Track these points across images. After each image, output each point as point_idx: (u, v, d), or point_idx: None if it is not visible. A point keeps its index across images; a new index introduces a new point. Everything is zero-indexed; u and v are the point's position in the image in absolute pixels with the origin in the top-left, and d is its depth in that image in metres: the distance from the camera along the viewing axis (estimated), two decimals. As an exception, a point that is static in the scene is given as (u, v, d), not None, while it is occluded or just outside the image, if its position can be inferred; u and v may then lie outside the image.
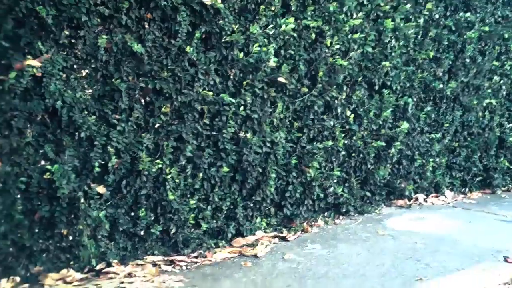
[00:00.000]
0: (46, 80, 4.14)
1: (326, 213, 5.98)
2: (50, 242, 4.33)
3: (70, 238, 4.38)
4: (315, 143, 5.66)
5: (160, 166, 4.69)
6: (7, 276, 4.14)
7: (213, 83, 4.93)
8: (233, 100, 4.99)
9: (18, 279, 4.16)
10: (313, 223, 5.77)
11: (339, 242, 5.24)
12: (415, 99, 6.55)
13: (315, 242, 5.24)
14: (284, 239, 5.35)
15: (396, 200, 6.63)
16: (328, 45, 5.59)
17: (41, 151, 4.23)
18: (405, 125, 6.28)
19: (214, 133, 5.01)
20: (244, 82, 5.10)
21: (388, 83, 6.22)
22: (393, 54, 6.17)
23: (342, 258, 4.82)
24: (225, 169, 5.06)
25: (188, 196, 4.94)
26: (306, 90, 5.54)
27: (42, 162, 4.23)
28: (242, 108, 5.09)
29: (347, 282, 4.31)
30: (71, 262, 4.42)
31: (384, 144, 6.17)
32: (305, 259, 4.81)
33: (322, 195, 5.81)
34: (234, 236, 5.24)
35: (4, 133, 4.06)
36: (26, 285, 4.19)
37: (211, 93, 4.87)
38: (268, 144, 5.30)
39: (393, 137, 6.28)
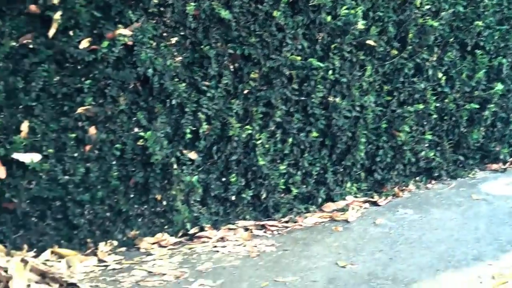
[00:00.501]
0: (137, 49, 4.18)
1: (417, 178, 5.82)
2: (145, 207, 4.40)
3: (164, 203, 4.44)
4: (405, 106, 5.50)
5: (250, 131, 4.67)
6: (105, 240, 4.24)
7: (301, 47, 4.85)
8: (322, 65, 4.90)
9: (115, 243, 4.26)
10: (404, 188, 5.63)
11: (431, 207, 5.10)
12: (510, 60, 6.25)
13: (407, 207, 5.12)
14: (375, 204, 5.26)
15: (490, 164, 6.37)
16: (418, 5, 5.39)
17: (134, 119, 4.29)
18: (499, 86, 6.01)
19: (302, 98, 4.94)
20: (332, 46, 4.99)
21: (481, 44, 5.94)
22: (486, 13, 5.89)
23: (435, 223, 4.70)
24: (315, 134, 5.00)
25: (278, 161, 4.90)
26: (396, 52, 5.38)
27: (136, 129, 4.29)
28: (330, 72, 4.99)
29: (440, 247, 4.20)
30: (165, 227, 4.48)
31: (477, 106, 5.92)
32: (397, 224, 4.72)
33: (413, 160, 5.65)
34: (324, 201, 5.18)
35: (98, 101, 4.13)
36: (123, 248, 4.29)
37: (299, 57, 4.80)
38: (357, 108, 5.19)
39: (487, 99, 6.03)
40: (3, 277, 3.28)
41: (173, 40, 4.38)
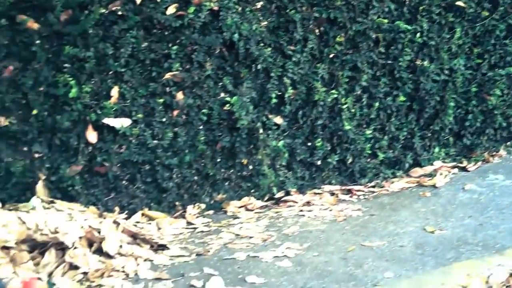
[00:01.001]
0: (223, 14, 4.15)
1: (508, 143, 5.60)
2: (232, 171, 4.41)
3: (250, 167, 4.43)
4: (496, 69, 5.28)
5: (335, 96, 4.60)
6: (193, 203, 4.28)
7: (388, 10, 4.70)
8: (409, 27, 4.75)
9: (203, 206, 4.29)
10: (494, 153, 5.42)
11: (523, 173, 4.90)
12: None
13: (497, 172, 4.94)
14: (463, 169, 5.10)
15: None
16: (511, -37, 5.15)
17: (220, 84, 4.28)
18: None
19: (389, 61, 4.81)
20: (420, 8, 4.82)
21: None
22: None
23: (527, 189, 4.52)
24: (402, 98, 4.87)
25: (364, 126, 4.81)
26: (487, 13, 5.15)
27: (222, 95, 4.28)
28: (418, 35, 4.84)
29: (533, 213, 4.04)
30: (252, 191, 4.49)
31: None
32: (487, 190, 4.56)
33: (504, 124, 5.44)
34: (412, 166, 5.06)
35: (185, 67, 4.14)
36: (211, 211, 4.32)
37: (386, 20, 4.67)
38: (446, 72, 5.02)
39: None
40: (96, 238, 3.35)
41: (259, 4, 4.33)
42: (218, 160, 4.35)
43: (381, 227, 3.86)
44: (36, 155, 3.81)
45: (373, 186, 4.77)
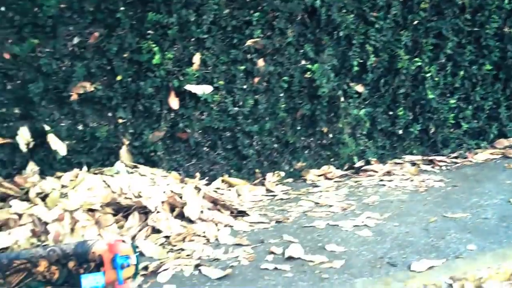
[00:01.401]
0: (304, -20, 4.09)
1: None
2: (311, 139, 4.37)
3: (331, 136, 4.38)
4: None
5: (419, 64, 4.47)
6: (272, 170, 4.26)
7: (476, -25, 4.54)
8: (498, -7, 4.57)
9: (282, 173, 4.27)
10: None
11: None
12: None
13: None
14: (553, 141, 4.90)
15: None
16: None
17: (301, 51, 4.22)
18: None
19: (475, 28, 4.63)
20: (510, -27, 4.63)
21: None
22: None
23: None
24: (488, 66, 4.69)
25: (448, 95, 4.67)
26: None
27: (303, 62, 4.23)
28: (506, 1, 4.64)
29: None
30: (332, 159, 4.44)
31: None
32: None
33: None
34: (496, 137, 4.89)
35: (267, 33, 4.10)
36: (290, 179, 4.30)
37: (473, -14, 4.50)
38: (535, 39, 4.81)
39: None
40: (178, 203, 3.38)
41: (341, -30, 4.24)
42: (298, 128, 4.31)
43: (464, 199, 3.75)
44: (120, 121, 3.86)
45: (456, 157, 4.64)
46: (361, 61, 4.35)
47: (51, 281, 2.55)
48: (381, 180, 4.20)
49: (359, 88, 4.38)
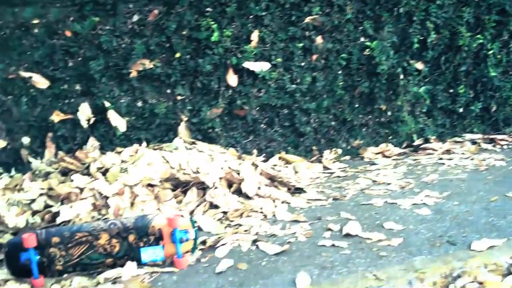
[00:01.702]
0: (364, -45, 4.03)
1: None
2: (369, 117, 4.31)
3: (389, 113, 4.32)
4: None
5: (481, 41, 4.36)
6: (329, 148, 4.23)
7: (542, -52, 4.38)
8: None
9: (339, 151, 4.24)
10: None
11: None
12: None
13: None
14: None
15: None
16: None
17: (360, 28, 4.16)
18: None
19: (541, 4, 4.49)
20: None
21: None
22: None
23: None
24: (553, 43, 4.55)
25: (511, 73, 4.54)
26: None
27: (362, 39, 4.17)
28: None
29: None
30: (390, 137, 4.38)
31: None
32: None
33: None
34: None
35: (325, 10, 4.05)
36: (347, 157, 4.26)
37: (539, -41, 4.35)
38: None
39: None
40: (235, 179, 3.39)
41: None
42: (356, 105, 4.27)
43: (527, 178, 3.65)
44: (179, 98, 3.88)
45: (518, 136, 4.54)
46: (422, 38, 4.27)
47: (112, 253, 2.59)
48: (440, 159, 4.12)
49: (419, 65, 4.30)
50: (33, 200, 3.10)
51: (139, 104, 3.83)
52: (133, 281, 2.47)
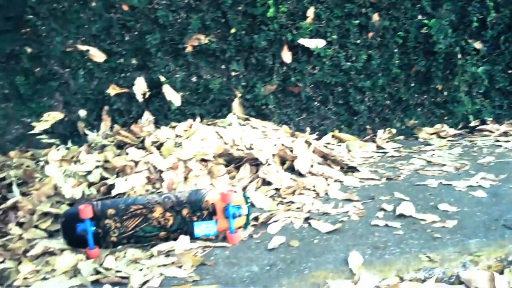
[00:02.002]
0: None
1: None
2: (425, 96, 4.24)
3: (445, 93, 4.23)
4: None
5: (543, 20, 4.23)
6: (383, 127, 4.18)
7: None
8: None
9: (393, 130, 4.18)
10: None
11: None
12: None
13: None
14: None
15: None
16: None
17: (418, 5, 4.08)
18: None
19: None
20: None
21: None
22: None
23: None
24: None
25: None
26: None
27: (419, 17, 4.08)
28: None
29: None
30: (445, 118, 4.30)
31: None
32: None
33: None
34: None
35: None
36: (401, 137, 4.20)
37: None
38: None
39: None
40: (288, 156, 3.37)
41: None
42: (412, 84, 4.19)
43: None
44: (233, 73, 3.87)
45: None
46: (481, 17, 4.16)
47: (166, 227, 2.61)
48: (497, 141, 4.02)
49: (478, 45, 4.19)
50: (89, 172, 3.14)
51: (194, 79, 3.84)
52: (186, 254, 2.49)
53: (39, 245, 2.70)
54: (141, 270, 2.37)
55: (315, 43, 3.87)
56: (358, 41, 4.00)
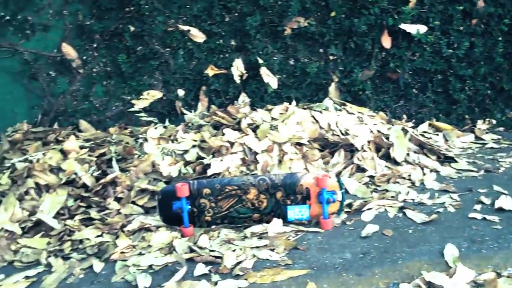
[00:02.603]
0: None
1: None
2: (529, 87, 4.09)
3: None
4: None
5: None
6: (483, 118, 4.06)
7: None
8: None
9: (493, 121, 4.05)
10: None
11: None
12: None
13: None
14: None
15: None
16: None
17: (526, -8, 3.93)
18: None
19: None
20: None
21: None
22: None
23: None
24: None
25: None
26: None
27: (527, 4, 3.93)
28: None
29: None
30: (550, 110, 4.13)
31: None
32: None
33: None
34: None
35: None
36: (501, 128, 4.06)
37: None
38: None
39: None
40: (384, 143, 3.32)
41: None
42: (515, 74, 4.05)
43: None
44: (331, 57, 3.85)
45: None
46: None
47: (259, 209, 2.63)
48: None
49: None
50: (186, 151, 3.20)
51: (291, 62, 3.84)
52: (279, 237, 2.50)
53: (136, 221, 2.78)
54: (234, 251, 2.41)
55: (417, 29, 3.79)
56: (461, 28, 3.89)
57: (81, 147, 3.31)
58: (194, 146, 3.23)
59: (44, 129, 3.70)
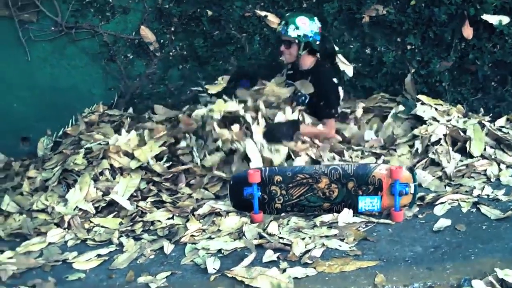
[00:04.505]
0: None
1: None
2: None
3: None
4: None
5: None
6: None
7: None
8: None
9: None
10: None
11: None
12: None
13: None
14: None
15: None
16: None
17: None
18: None
19: None
20: None
21: None
22: None
23: None
24: None
25: None
26: None
27: None
28: None
29: None
30: None
31: None
32: None
33: None
34: None
35: None
36: None
37: None
38: None
39: None
40: (460, 137, 3.27)
41: None
42: None
43: None
44: (409, 47, 3.80)
45: None
46: None
47: (330, 198, 2.65)
48: None
49: None
50: (258, 136, 3.23)
51: (368, 51, 3.82)
52: (349, 228, 2.52)
53: (206, 205, 2.84)
54: (303, 239, 2.44)
55: (499, 20, 3.70)
56: (546, 20, 3.78)
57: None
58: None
59: (120, 113, 3.82)
